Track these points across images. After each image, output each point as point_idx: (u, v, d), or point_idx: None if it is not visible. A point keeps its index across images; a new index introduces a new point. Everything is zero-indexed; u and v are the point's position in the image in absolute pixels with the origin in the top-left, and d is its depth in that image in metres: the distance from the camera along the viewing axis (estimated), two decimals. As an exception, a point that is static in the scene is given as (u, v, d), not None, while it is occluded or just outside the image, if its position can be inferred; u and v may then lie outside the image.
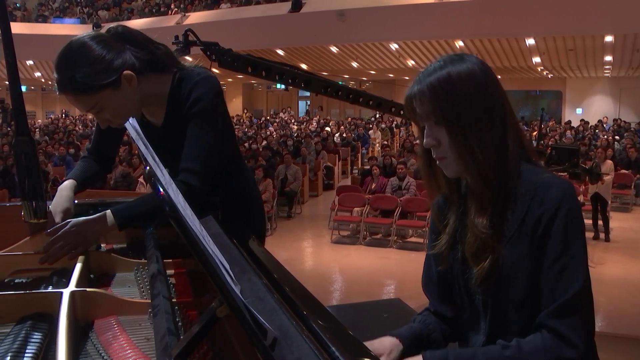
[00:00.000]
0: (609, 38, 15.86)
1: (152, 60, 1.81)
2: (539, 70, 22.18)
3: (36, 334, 1.27)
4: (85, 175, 2.05)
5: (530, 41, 17.02)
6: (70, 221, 1.70)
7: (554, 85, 26.49)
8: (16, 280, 1.71)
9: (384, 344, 1.39)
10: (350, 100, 7.42)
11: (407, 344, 1.41)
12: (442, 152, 1.31)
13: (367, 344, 1.26)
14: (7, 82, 1.92)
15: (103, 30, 1.81)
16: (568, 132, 19.26)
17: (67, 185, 1.96)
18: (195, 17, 21.18)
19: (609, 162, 10.34)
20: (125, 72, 1.72)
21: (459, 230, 1.37)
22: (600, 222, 9.52)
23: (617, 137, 17.84)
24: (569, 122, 22.39)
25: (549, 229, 1.22)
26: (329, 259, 8.93)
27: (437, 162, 1.33)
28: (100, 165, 2.14)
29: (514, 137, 1.30)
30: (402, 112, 7.57)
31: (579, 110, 25.47)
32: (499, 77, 1.31)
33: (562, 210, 1.21)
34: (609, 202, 9.83)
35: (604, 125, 22.11)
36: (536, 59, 19.39)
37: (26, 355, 1.18)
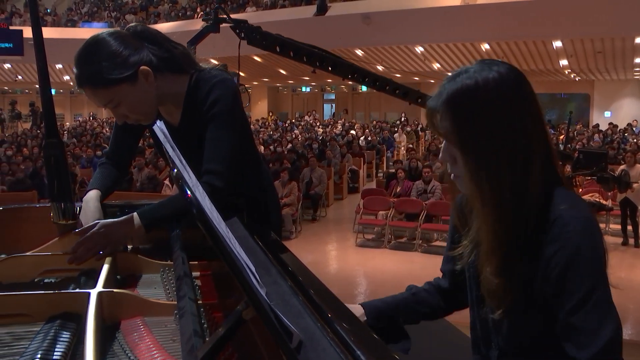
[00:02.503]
0: (639, 40, 15.60)
1: (170, 58, 1.84)
2: (566, 73, 21.90)
3: (64, 333, 1.29)
4: (107, 183, 2.06)
5: (557, 44, 16.81)
6: (98, 222, 1.72)
7: (581, 88, 26.12)
8: (45, 280, 1.73)
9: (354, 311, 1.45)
10: (377, 88, 7.38)
11: (372, 316, 1.49)
12: (456, 170, 1.22)
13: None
14: (37, 86, 1.96)
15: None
16: (596, 135, 18.98)
17: (92, 196, 1.96)
18: (221, 21, 21.29)
19: (639, 166, 10.16)
20: (142, 67, 1.74)
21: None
22: (629, 228, 9.35)
23: (647, 141, 17.55)
24: (597, 125, 22.06)
25: (565, 274, 1.10)
26: (354, 262, 8.91)
27: (451, 177, 1.24)
28: (118, 170, 2.15)
29: (541, 168, 1.16)
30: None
31: (607, 114, 25.08)
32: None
33: (581, 254, 1.09)
34: (639, 207, 9.66)
35: (634, 129, 21.75)
36: (563, 62, 19.15)
37: (55, 353, 1.19)
